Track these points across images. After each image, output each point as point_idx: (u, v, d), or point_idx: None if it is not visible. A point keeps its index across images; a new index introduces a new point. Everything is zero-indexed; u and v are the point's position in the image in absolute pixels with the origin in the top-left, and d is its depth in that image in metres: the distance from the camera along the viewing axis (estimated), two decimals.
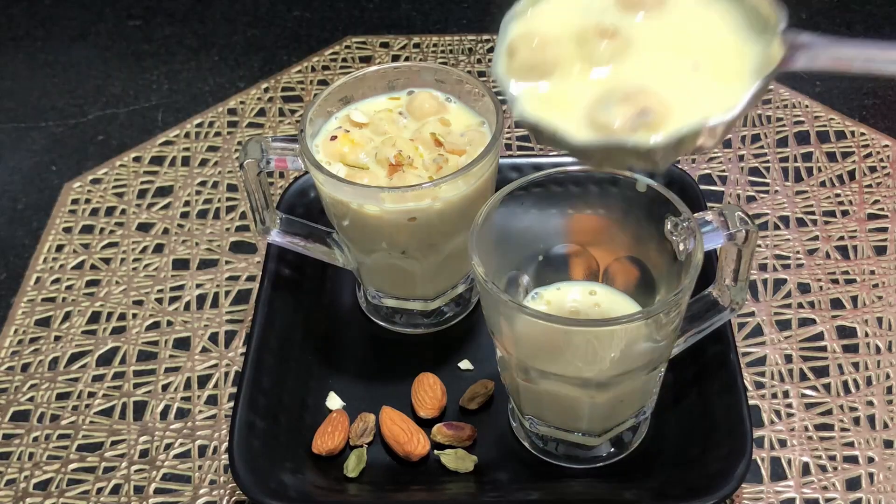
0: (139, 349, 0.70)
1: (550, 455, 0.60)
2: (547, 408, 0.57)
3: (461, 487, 0.59)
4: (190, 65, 0.99)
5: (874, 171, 0.79)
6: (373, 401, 0.63)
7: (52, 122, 0.92)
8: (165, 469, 0.63)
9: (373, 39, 0.97)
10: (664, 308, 0.49)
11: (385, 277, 0.66)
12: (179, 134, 0.88)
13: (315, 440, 0.61)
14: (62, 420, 0.66)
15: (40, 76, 0.98)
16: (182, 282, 0.74)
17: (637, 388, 0.56)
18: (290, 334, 0.66)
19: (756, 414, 0.63)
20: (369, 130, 0.63)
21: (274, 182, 0.82)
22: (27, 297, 0.74)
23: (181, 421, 0.65)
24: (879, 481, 0.60)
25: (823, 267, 0.72)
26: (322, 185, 0.60)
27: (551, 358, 0.51)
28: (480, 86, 0.63)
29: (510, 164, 0.72)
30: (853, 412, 0.63)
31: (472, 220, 0.53)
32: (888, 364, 0.66)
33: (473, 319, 0.69)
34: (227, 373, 0.68)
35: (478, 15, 1.02)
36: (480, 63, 0.93)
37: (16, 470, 0.63)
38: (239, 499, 0.61)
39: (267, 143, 0.62)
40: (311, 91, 0.91)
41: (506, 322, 0.51)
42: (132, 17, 1.06)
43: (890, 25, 0.97)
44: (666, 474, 0.58)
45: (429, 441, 0.61)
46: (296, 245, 0.66)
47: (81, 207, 0.81)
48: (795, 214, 0.76)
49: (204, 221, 0.79)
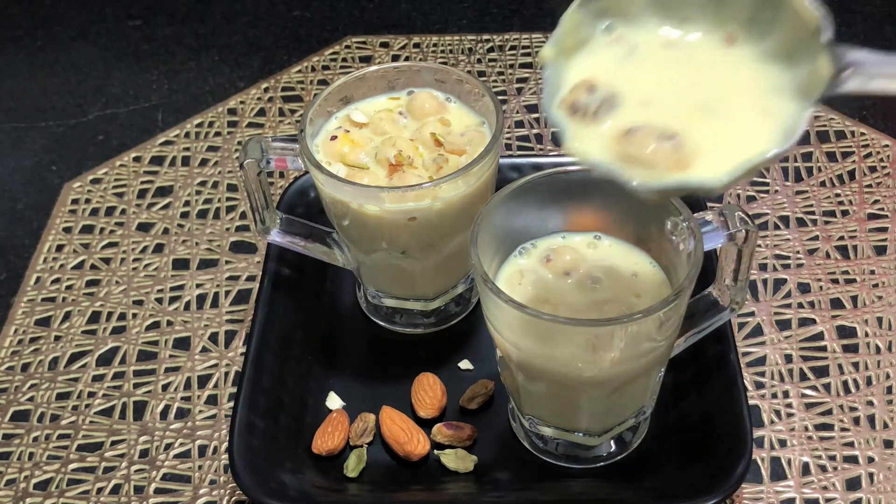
0: (139, 349, 0.70)
1: (550, 455, 0.60)
2: (547, 408, 0.57)
3: (461, 487, 0.59)
4: (190, 65, 0.99)
5: (874, 171, 0.79)
6: (373, 401, 0.63)
7: (52, 122, 0.92)
8: (165, 469, 0.63)
9: (373, 39, 0.97)
10: (664, 308, 0.49)
11: (385, 277, 0.66)
12: (179, 134, 0.88)
13: (315, 440, 0.61)
14: (62, 420, 0.66)
15: (40, 76, 0.98)
16: (182, 282, 0.74)
17: (637, 387, 0.56)
18: (290, 334, 0.66)
19: (756, 414, 0.63)
20: (369, 130, 0.63)
21: (274, 182, 0.82)
22: (27, 297, 0.74)
23: (181, 421, 0.65)
24: (879, 481, 0.60)
25: (823, 267, 0.72)
26: (322, 185, 0.60)
27: (551, 357, 0.51)
28: (480, 86, 0.63)
29: (510, 164, 0.72)
30: (853, 412, 0.63)
31: (472, 220, 0.53)
32: (888, 364, 0.66)
33: (473, 319, 0.69)
34: (227, 373, 0.68)
35: (478, 15, 1.02)
36: (480, 63, 0.93)
37: (16, 470, 0.63)
38: (239, 499, 0.61)
39: (267, 143, 0.62)
40: (311, 91, 0.91)
41: (505, 321, 0.51)
42: (132, 17, 1.06)
43: (890, 25, 0.97)
44: (666, 474, 0.58)
45: (429, 441, 0.61)
46: (296, 245, 0.66)
47: (81, 207, 0.81)
48: (795, 214, 0.76)
49: (204, 221, 0.79)
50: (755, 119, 0.44)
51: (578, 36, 0.48)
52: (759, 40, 0.45)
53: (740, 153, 0.42)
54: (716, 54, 0.46)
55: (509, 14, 1.01)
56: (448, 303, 0.68)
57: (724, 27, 0.46)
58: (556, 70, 0.48)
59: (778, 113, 0.43)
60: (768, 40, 0.45)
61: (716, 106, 0.45)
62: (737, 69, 0.46)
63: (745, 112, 0.44)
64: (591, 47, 0.48)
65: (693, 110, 0.45)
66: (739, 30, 0.46)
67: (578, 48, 0.48)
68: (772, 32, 0.45)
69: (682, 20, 0.47)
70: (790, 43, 0.44)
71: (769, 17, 0.45)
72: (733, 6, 0.46)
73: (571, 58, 0.48)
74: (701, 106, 0.45)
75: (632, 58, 0.47)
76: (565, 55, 0.48)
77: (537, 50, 0.94)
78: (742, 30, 0.46)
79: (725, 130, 0.44)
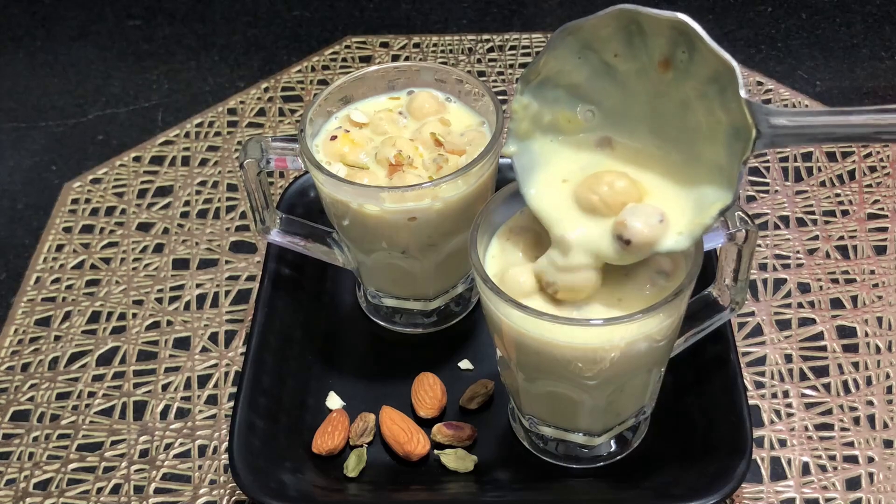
0: (139, 349, 0.70)
1: (550, 455, 0.60)
2: (547, 408, 0.57)
3: (461, 487, 0.59)
4: (190, 65, 0.99)
5: (874, 171, 0.79)
6: (373, 401, 0.63)
7: (52, 122, 0.92)
8: (165, 469, 0.63)
9: (373, 39, 0.97)
10: (664, 308, 0.49)
11: (385, 277, 0.66)
12: (179, 134, 0.88)
13: (315, 440, 0.61)
14: (62, 420, 0.66)
15: (40, 76, 0.98)
16: (182, 282, 0.74)
17: (637, 387, 0.56)
18: (290, 334, 0.66)
19: (756, 414, 0.63)
20: (369, 130, 0.63)
21: (274, 182, 0.82)
22: (27, 297, 0.74)
23: (181, 421, 0.65)
24: (879, 481, 0.60)
25: (823, 267, 0.72)
26: (322, 185, 0.60)
27: (551, 357, 0.51)
28: (480, 86, 0.63)
29: (510, 164, 0.72)
30: (853, 412, 0.63)
31: (472, 219, 0.53)
32: (888, 364, 0.66)
33: (473, 319, 0.69)
34: (227, 373, 0.68)
35: (478, 15, 1.02)
36: (480, 63, 0.93)
37: (16, 470, 0.63)
38: (239, 499, 0.61)
39: (267, 143, 0.62)
40: (311, 91, 0.91)
41: (506, 321, 0.51)
42: (132, 17, 1.06)
43: (890, 25, 0.97)
44: (666, 474, 0.58)
45: (429, 441, 0.61)
46: (296, 245, 0.67)
47: (81, 207, 0.81)
48: (795, 214, 0.76)
49: (204, 221, 0.79)
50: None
51: (532, 114, 0.52)
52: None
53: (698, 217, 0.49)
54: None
55: (509, 14, 1.01)
56: (448, 303, 0.68)
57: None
58: (526, 153, 0.52)
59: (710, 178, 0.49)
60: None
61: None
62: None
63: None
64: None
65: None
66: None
67: (538, 125, 0.52)
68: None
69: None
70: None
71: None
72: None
73: (537, 136, 0.53)
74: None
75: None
76: (530, 136, 0.52)
77: (537, 50, 0.94)
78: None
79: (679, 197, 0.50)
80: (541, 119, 0.52)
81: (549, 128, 0.52)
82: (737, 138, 0.46)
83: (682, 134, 0.49)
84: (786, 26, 0.99)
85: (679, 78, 0.48)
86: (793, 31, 0.98)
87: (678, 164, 0.50)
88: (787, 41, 0.97)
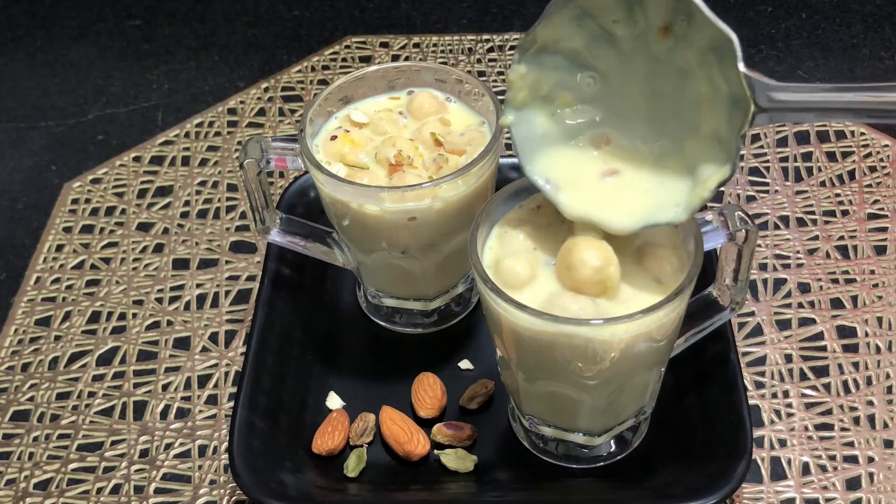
0: (139, 349, 0.70)
1: (550, 455, 0.60)
2: (547, 407, 0.57)
3: (461, 487, 0.59)
4: (190, 65, 0.99)
5: (874, 170, 0.79)
6: (373, 401, 0.63)
7: (52, 122, 0.92)
8: (165, 469, 0.63)
9: (373, 39, 0.97)
10: (664, 308, 0.49)
11: (385, 277, 0.66)
12: (179, 134, 0.88)
13: (315, 440, 0.61)
14: (62, 420, 0.66)
15: (40, 76, 0.98)
16: (182, 282, 0.74)
17: (637, 387, 0.56)
18: (290, 334, 0.66)
19: (756, 414, 0.63)
20: (369, 130, 0.63)
21: (274, 182, 0.82)
22: (27, 297, 0.74)
23: (181, 421, 0.65)
24: (879, 481, 0.60)
25: (823, 267, 0.72)
26: (322, 184, 0.60)
27: (551, 357, 0.51)
28: (480, 86, 0.63)
29: (510, 164, 0.72)
30: (853, 412, 0.63)
31: (472, 219, 0.53)
32: (888, 364, 0.66)
33: (473, 319, 0.69)
34: (227, 373, 0.68)
35: (478, 15, 1.02)
36: (480, 63, 0.93)
37: (16, 470, 0.63)
38: (239, 499, 0.61)
39: (267, 143, 0.62)
40: (311, 91, 0.91)
41: (505, 321, 0.51)
42: (132, 17, 1.06)
43: (890, 25, 0.97)
44: (666, 474, 0.58)
45: (429, 441, 0.61)
46: (296, 245, 0.66)
47: (81, 207, 0.81)
48: (795, 214, 0.76)
49: (204, 221, 0.79)
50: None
51: (530, 83, 0.52)
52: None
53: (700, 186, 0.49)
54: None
55: (509, 14, 1.01)
56: (448, 303, 0.68)
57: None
58: (523, 123, 0.52)
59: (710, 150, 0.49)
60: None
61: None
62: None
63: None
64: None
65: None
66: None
67: (537, 94, 0.52)
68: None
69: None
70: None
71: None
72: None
73: (535, 106, 0.52)
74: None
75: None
76: (528, 106, 0.52)
77: None
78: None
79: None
80: (539, 88, 0.52)
81: (547, 99, 0.52)
82: (736, 108, 0.46)
83: (681, 104, 0.49)
84: (786, 26, 0.99)
85: (679, 45, 0.47)
86: (793, 31, 0.98)
87: (676, 134, 0.50)
88: (787, 41, 0.97)
